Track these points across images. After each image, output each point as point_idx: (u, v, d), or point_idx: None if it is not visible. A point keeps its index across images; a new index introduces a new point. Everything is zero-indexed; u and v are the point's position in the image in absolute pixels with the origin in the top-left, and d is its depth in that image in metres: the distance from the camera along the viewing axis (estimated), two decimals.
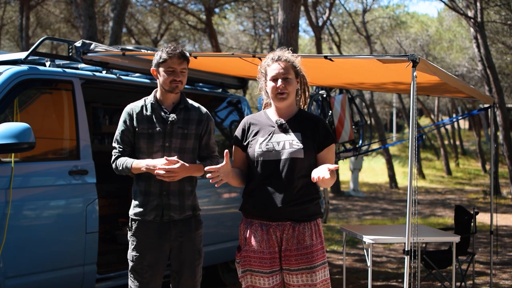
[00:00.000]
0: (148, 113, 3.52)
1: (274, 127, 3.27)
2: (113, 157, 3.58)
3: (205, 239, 5.70)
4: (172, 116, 3.50)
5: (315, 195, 3.27)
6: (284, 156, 3.18)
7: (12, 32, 21.56)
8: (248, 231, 3.26)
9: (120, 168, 3.52)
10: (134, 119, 3.53)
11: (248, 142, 3.30)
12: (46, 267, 4.37)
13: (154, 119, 3.51)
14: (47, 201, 4.46)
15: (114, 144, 3.60)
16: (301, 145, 3.19)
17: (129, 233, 3.57)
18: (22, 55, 4.77)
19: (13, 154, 4.16)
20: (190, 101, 3.67)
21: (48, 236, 4.42)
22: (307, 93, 3.40)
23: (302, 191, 3.21)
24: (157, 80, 3.56)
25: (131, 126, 3.54)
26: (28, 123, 4.03)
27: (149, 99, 3.58)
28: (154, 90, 3.63)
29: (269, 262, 3.22)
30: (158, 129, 3.49)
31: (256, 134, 3.29)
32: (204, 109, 3.68)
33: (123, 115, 3.57)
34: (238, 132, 3.38)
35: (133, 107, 3.58)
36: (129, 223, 3.58)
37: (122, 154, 3.56)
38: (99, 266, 4.76)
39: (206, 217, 5.79)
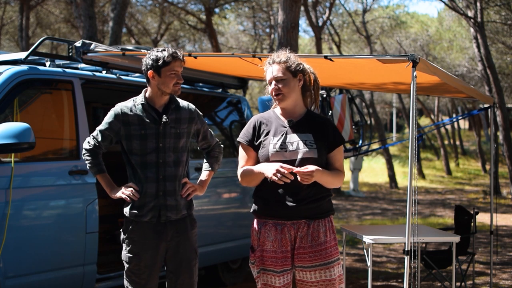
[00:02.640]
0: (139, 114, 3.51)
1: (286, 127, 3.29)
2: (87, 145, 3.58)
3: (205, 239, 5.72)
4: (165, 118, 3.50)
5: (326, 192, 3.31)
6: (299, 156, 3.20)
7: (12, 32, 21.57)
8: (262, 231, 3.27)
9: (91, 163, 3.57)
10: (122, 121, 3.51)
11: (260, 142, 3.30)
12: (46, 267, 4.37)
13: (147, 120, 3.50)
14: (47, 201, 4.46)
15: (94, 134, 3.59)
16: (314, 146, 3.22)
17: (123, 235, 3.55)
18: (22, 55, 4.77)
19: (13, 154, 4.15)
20: (179, 100, 3.66)
21: (48, 236, 4.42)
22: (315, 89, 3.40)
23: (315, 189, 3.24)
24: (152, 82, 3.52)
25: (117, 127, 3.53)
26: (28, 123, 4.03)
27: (139, 100, 3.56)
28: (144, 91, 3.60)
29: (281, 262, 3.24)
30: (151, 129, 3.49)
31: (267, 133, 3.30)
32: (192, 106, 3.67)
33: (110, 115, 3.55)
34: (247, 131, 3.36)
35: (123, 107, 3.55)
36: (124, 224, 3.57)
37: (95, 150, 3.57)
38: (99, 266, 4.76)
39: (206, 217, 5.80)
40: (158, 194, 3.47)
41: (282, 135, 3.26)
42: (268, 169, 3.16)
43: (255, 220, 3.34)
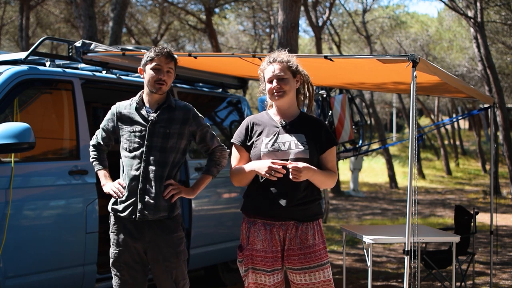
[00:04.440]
0: (132, 112, 3.56)
1: (278, 127, 3.31)
2: (92, 141, 3.73)
3: (205, 239, 5.72)
4: (152, 116, 3.52)
5: (317, 196, 3.33)
6: (290, 156, 3.22)
7: (12, 32, 21.57)
8: (251, 230, 3.28)
9: (94, 159, 3.71)
10: (116, 118, 3.59)
11: (253, 142, 3.33)
12: (46, 267, 4.37)
13: (136, 119, 3.54)
14: (47, 201, 4.47)
15: (98, 131, 3.72)
16: (306, 146, 3.24)
17: (110, 229, 3.60)
18: (22, 55, 4.77)
19: (13, 154, 4.16)
20: (177, 100, 3.66)
21: (48, 236, 4.42)
22: (311, 91, 3.42)
23: (306, 191, 3.26)
24: (144, 80, 3.58)
25: (112, 125, 3.62)
26: (28, 123, 4.03)
27: (135, 99, 3.62)
28: (141, 91, 3.64)
29: (271, 261, 3.25)
30: (139, 128, 3.51)
31: (260, 134, 3.32)
32: (189, 107, 3.64)
33: (109, 113, 3.66)
34: (240, 132, 3.40)
35: (119, 106, 3.63)
36: (109, 218, 3.61)
37: (98, 146, 3.71)
38: (99, 266, 4.76)
39: (206, 217, 5.81)
40: (138, 192, 3.48)
41: (274, 135, 3.28)
42: (261, 167, 3.19)
43: (244, 219, 3.36)
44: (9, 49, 21.76)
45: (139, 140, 3.50)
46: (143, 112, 3.54)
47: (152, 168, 3.47)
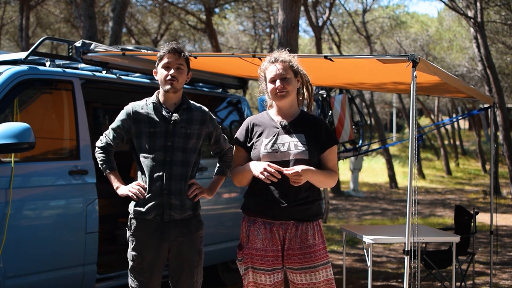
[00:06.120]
0: (150, 112, 3.53)
1: (278, 128, 3.31)
2: (100, 143, 3.63)
3: (205, 239, 5.69)
4: (175, 116, 3.50)
5: (317, 196, 3.34)
6: (289, 157, 3.22)
7: (12, 32, 21.58)
8: (251, 229, 3.29)
9: (103, 161, 3.60)
10: (133, 119, 3.54)
11: (253, 143, 3.33)
12: (46, 267, 4.37)
13: (156, 119, 3.51)
14: (47, 201, 4.46)
15: (106, 132, 3.64)
16: (306, 147, 3.24)
17: (128, 232, 3.57)
18: (22, 55, 4.77)
19: (13, 154, 4.15)
20: (192, 102, 3.68)
21: (48, 236, 4.42)
22: (310, 90, 3.43)
23: (307, 192, 3.27)
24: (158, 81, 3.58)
25: (127, 125, 3.56)
26: (28, 123, 4.03)
27: (151, 99, 3.59)
28: (157, 91, 3.63)
29: (271, 260, 3.26)
30: (161, 128, 3.49)
31: (260, 135, 3.33)
32: (205, 109, 3.69)
33: (122, 113, 3.60)
34: (241, 133, 3.41)
35: (134, 106, 3.59)
36: (128, 221, 3.58)
37: (107, 147, 3.61)
38: (99, 266, 4.76)
39: (206, 217, 5.77)
40: (162, 193, 3.47)
41: (273, 136, 3.29)
42: (256, 168, 3.21)
43: (245, 218, 3.37)
44: (9, 49, 21.77)
45: (161, 141, 3.48)
46: (163, 112, 3.52)
47: (176, 168, 3.48)
